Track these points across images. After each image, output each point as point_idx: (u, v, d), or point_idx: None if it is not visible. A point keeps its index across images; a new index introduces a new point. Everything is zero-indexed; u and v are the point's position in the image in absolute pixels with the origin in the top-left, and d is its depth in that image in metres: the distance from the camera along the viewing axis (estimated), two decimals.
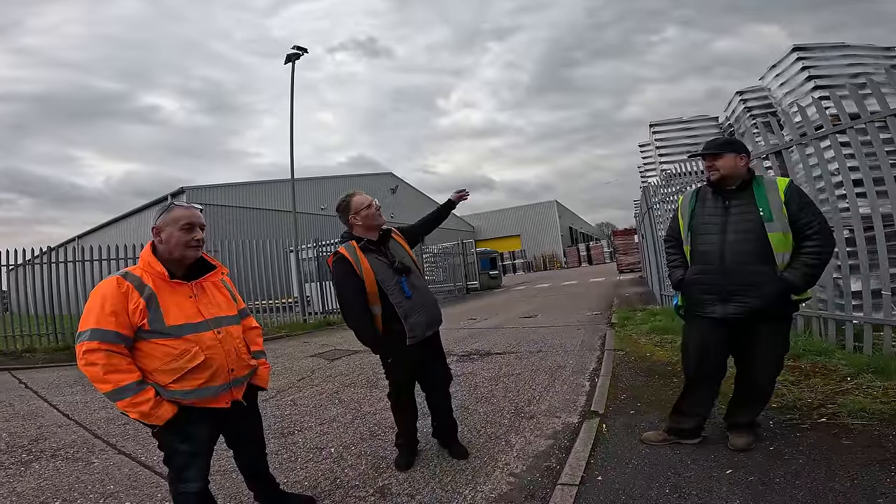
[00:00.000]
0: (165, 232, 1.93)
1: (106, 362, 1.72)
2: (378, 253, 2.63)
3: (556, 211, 45.65)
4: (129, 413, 1.77)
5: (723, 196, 2.47)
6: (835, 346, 3.96)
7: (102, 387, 1.73)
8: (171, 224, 1.93)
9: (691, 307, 2.59)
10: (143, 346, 1.84)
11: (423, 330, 2.62)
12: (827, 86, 5.15)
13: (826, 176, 4.10)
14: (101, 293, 1.80)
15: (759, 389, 2.52)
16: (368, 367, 5.71)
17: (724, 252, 2.39)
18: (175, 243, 1.93)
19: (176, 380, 1.84)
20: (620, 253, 23.53)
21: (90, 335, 1.73)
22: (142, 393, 1.77)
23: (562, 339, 6.60)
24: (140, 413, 1.76)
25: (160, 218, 1.96)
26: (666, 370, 4.17)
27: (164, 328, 1.85)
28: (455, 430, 2.96)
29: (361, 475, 2.70)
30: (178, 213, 1.96)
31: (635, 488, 2.26)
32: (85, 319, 1.77)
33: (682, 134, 9.31)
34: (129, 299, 1.81)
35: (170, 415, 1.81)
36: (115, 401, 1.76)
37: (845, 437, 2.50)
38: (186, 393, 1.86)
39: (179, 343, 1.86)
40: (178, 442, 1.89)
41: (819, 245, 2.27)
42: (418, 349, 2.64)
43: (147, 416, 1.77)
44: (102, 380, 1.72)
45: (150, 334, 1.83)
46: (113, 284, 1.83)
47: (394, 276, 2.59)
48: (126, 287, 1.82)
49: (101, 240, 17.39)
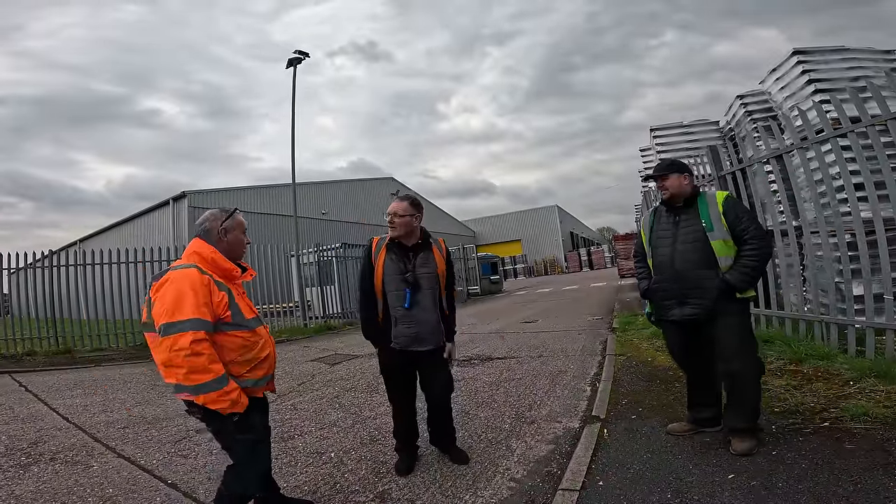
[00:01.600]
0: (233, 234, 2.11)
1: (211, 352, 1.78)
2: (401, 256, 2.71)
3: (556, 216, 45.63)
4: (219, 404, 1.79)
5: (673, 212, 2.81)
6: (837, 351, 3.94)
7: (204, 377, 1.75)
8: (238, 228, 2.14)
9: (658, 313, 2.88)
10: (220, 339, 1.90)
11: (406, 342, 2.68)
12: (827, 89, 5.15)
13: (827, 180, 4.10)
14: (188, 283, 1.83)
15: (738, 383, 2.56)
16: (369, 372, 5.69)
17: (675, 261, 2.71)
18: (238, 244, 2.13)
19: (250, 370, 1.97)
20: (621, 258, 23.45)
21: (193, 325, 1.75)
22: (231, 382, 1.84)
23: (563, 343, 6.59)
24: (230, 401, 1.81)
25: (227, 221, 2.10)
26: (667, 375, 4.15)
27: (244, 321, 1.99)
28: (452, 438, 2.94)
29: (361, 480, 2.69)
30: (241, 218, 2.18)
31: (637, 493, 2.25)
32: (176, 309, 1.77)
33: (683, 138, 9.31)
34: (213, 291, 1.89)
35: (248, 403, 1.90)
36: (211, 391, 1.77)
37: (848, 442, 2.48)
38: (257, 381, 2.01)
39: (251, 335, 2.00)
40: (249, 431, 1.96)
41: (754, 248, 2.55)
42: (407, 357, 2.71)
43: (235, 403, 1.83)
44: (206, 370, 1.75)
45: (231, 326, 1.93)
46: (197, 276, 1.87)
47: (401, 283, 2.67)
48: (207, 280, 1.90)
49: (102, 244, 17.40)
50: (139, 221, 23.93)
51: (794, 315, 4.65)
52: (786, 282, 4.81)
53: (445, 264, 2.82)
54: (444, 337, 2.78)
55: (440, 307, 2.78)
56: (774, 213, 4.95)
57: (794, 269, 4.75)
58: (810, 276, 4.54)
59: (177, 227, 20.74)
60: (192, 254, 2.02)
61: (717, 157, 5.53)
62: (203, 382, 1.75)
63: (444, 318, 2.82)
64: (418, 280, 2.68)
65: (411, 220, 2.68)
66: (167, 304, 1.79)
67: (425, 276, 2.70)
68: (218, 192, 22.92)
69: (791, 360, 3.98)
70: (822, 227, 4.21)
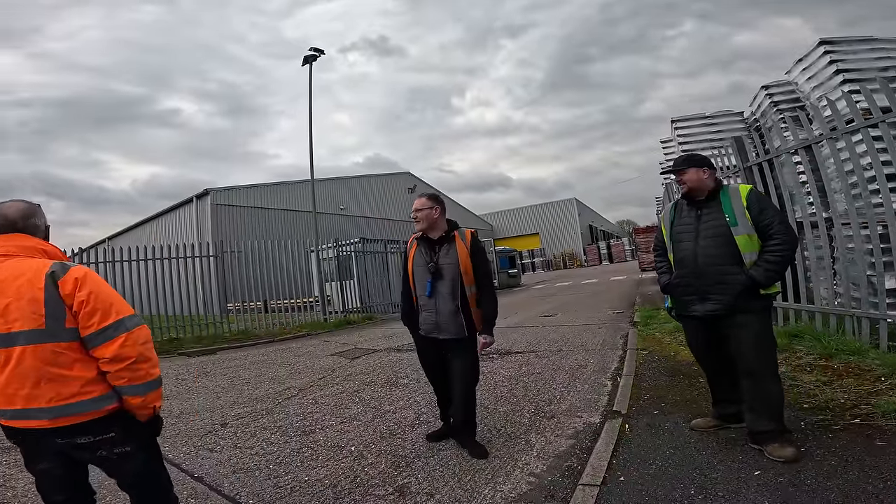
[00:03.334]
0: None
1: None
2: (427, 249, 2.92)
3: (575, 209, 45.18)
4: (159, 401, 1.69)
5: (695, 206, 2.75)
6: (868, 346, 3.82)
7: (156, 371, 1.64)
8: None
9: (678, 308, 2.85)
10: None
11: (429, 328, 2.92)
12: (856, 79, 4.98)
13: (858, 170, 3.96)
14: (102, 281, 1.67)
15: (756, 383, 2.48)
16: (388, 366, 5.74)
17: (697, 256, 2.66)
18: None
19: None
20: (642, 251, 23.12)
21: (140, 320, 1.65)
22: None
23: (583, 338, 6.53)
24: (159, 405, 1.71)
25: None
26: (691, 370, 4.08)
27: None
28: (470, 430, 2.95)
29: (381, 474, 2.71)
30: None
31: (659, 489, 2.22)
32: (119, 305, 1.60)
33: (706, 129, 9.08)
34: None
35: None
36: (156, 389, 1.65)
37: (879, 438, 2.41)
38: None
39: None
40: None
41: (779, 243, 2.49)
42: (431, 342, 2.94)
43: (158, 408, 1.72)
44: (157, 363, 1.65)
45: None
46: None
47: (425, 273, 2.89)
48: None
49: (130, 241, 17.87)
50: (164, 219, 24.57)
51: (824, 309, 4.52)
52: (815, 275, 4.68)
53: (470, 255, 2.86)
54: (465, 327, 2.82)
55: (463, 297, 2.83)
56: (803, 204, 4.81)
57: (824, 262, 4.62)
58: (841, 269, 4.40)
59: (200, 224, 21.20)
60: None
61: (742, 148, 5.39)
62: (156, 377, 1.64)
63: (467, 308, 2.84)
64: (440, 270, 2.85)
65: (431, 213, 2.88)
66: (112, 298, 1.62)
67: (447, 266, 2.84)
68: (239, 190, 23.38)
69: (821, 355, 3.88)
70: (853, 218, 4.08)
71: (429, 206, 2.89)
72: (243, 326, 10.55)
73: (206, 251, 10.87)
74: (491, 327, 2.89)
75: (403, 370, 5.41)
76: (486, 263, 2.95)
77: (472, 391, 2.94)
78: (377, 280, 13.73)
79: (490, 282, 2.93)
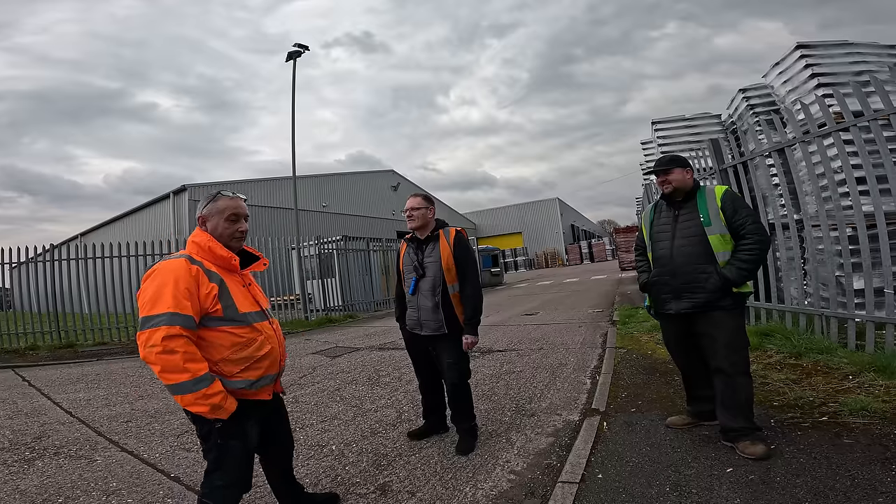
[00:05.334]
0: (211, 222, 1.89)
1: (186, 350, 1.60)
2: (416, 248, 3.02)
3: (557, 208, 45.55)
4: (197, 407, 1.63)
5: (673, 207, 2.82)
6: (837, 345, 3.94)
7: (179, 377, 1.58)
8: (217, 214, 1.90)
9: (656, 306, 2.91)
10: (209, 335, 1.74)
11: (412, 324, 3.00)
12: (830, 83, 5.13)
13: (829, 173, 4.08)
14: (171, 274, 1.67)
15: (728, 381, 2.54)
16: (370, 365, 5.72)
17: (674, 255, 2.73)
18: (220, 233, 1.89)
19: (243, 369, 1.78)
20: (622, 250, 23.46)
21: (169, 319, 1.59)
22: (214, 384, 1.65)
23: (563, 336, 6.60)
24: (211, 406, 1.63)
25: (206, 207, 1.90)
26: (667, 368, 4.16)
27: (237, 315, 1.79)
28: (461, 423, 2.99)
29: (362, 472, 2.71)
30: (224, 203, 1.91)
31: (636, 486, 2.26)
32: (155, 301, 1.62)
33: (685, 131, 9.28)
34: (201, 283, 1.72)
35: (234, 408, 1.70)
36: (187, 392, 1.60)
37: (846, 436, 2.49)
38: (252, 383, 1.81)
39: (247, 331, 1.81)
40: (235, 438, 1.77)
41: (752, 243, 2.55)
42: (419, 338, 2.99)
43: (217, 409, 1.65)
44: (181, 369, 1.58)
45: (222, 321, 1.76)
46: (183, 265, 1.71)
47: (411, 271, 2.98)
48: (196, 270, 1.73)
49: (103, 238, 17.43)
50: (140, 215, 23.98)
51: (794, 308, 4.66)
52: (786, 275, 4.81)
53: (453, 253, 2.88)
54: (444, 324, 2.85)
55: (444, 295, 2.87)
56: (776, 206, 4.94)
57: (794, 263, 4.75)
58: (811, 269, 4.54)
59: (177, 221, 20.78)
60: (189, 243, 1.87)
61: (718, 150, 5.51)
62: (178, 382, 1.59)
63: (448, 305, 2.87)
64: (423, 268, 2.93)
65: (426, 213, 2.98)
66: (147, 297, 1.65)
67: (430, 264, 2.91)
68: (219, 186, 22.92)
69: (791, 353, 3.99)
70: (823, 220, 4.20)
71: (424, 206, 2.97)
72: None
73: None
74: (473, 327, 2.89)
75: (385, 369, 5.40)
76: (469, 262, 2.94)
77: (459, 387, 2.96)
78: (359, 278, 13.65)
79: (474, 281, 2.92)
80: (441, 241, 2.93)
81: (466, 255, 2.94)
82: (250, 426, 1.84)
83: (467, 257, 2.93)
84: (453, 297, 2.88)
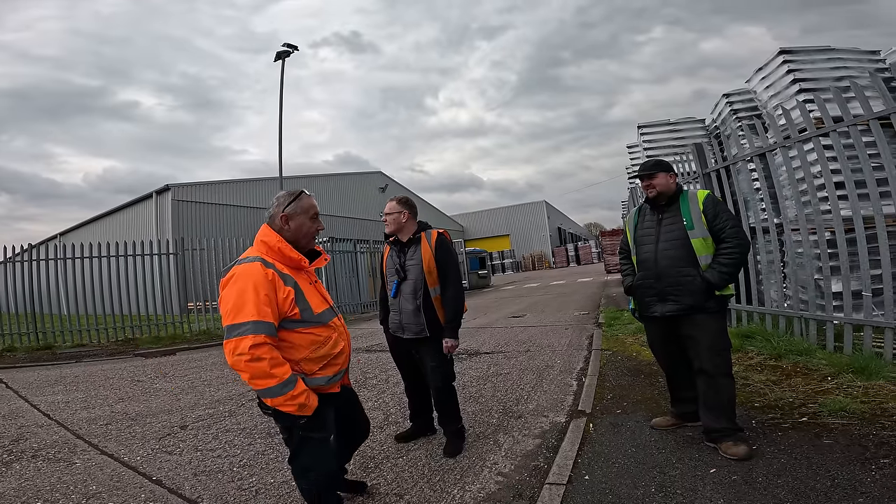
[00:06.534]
0: (296, 220, 1.95)
1: (272, 356, 1.66)
2: (398, 251, 2.98)
3: (544, 211, 45.81)
4: (286, 407, 1.70)
5: (657, 210, 2.86)
6: (816, 347, 4.03)
7: (267, 382, 1.65)
8: (303, 213, 1.97)
9: (640, 309, 2.94)
10: (290, 336, 1.80)
11: (394, 327, 3.00)
12: (812, 89, 5.22)
13: (808, 178, 4.17)
14: (250, 281, 1.71)
15: (711, 382, 2.58)
16: (357, 367, 5.68)
17: (658, 258, 2.77)
18: (305, 232, 1.97)
19: (322, 367, 1.87)
20: (608, 253, 23.69)
21: (255, 328, 1.64)
22: (298, 384, 1.73)
23: (550, 338, 6.64)
24: (297, 405, 1.71)
25: (289, 206, 1.95)
26: (652, 369, 4.21)
27: (314, 316, 1.86)
28: (447, 426, 2.99)
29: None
30: (308, 202, 1.99)
31: (622, 487, 2.28)
32: (238, 310, 1.67)
33: (670, 136, 9.40)
34: (278, 288, 1.76)
35: (316, 404, 1.78)
36: (276, 395, 1.68)
37: (826, 437, 2.54)
38: (330, 379, 1.90)
39: (323, 330, 1.89)
40: (317, 430, 1.85)
41: (732, 247, 2.60)
42: (402, 342, 2.99)
43: (304, 407, 1.72)
44: (269, 375, 1.65)
45: (300, 323, 1.82)
46: (259, 270, 1.74)
47: (393, 275, 2.96)
48: (272, 275, 1.76)
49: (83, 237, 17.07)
50: (121, 215, 23.50)
51: (774, 311, 4.74)
52: (767, 278, 4.90)
53: (435, 256, 2.84)
54: (426, 327, 2.82)
55: (426, 297, 2.84)
56: (757, 210, 5.03)
57: (774, 266, 4.84)
58: (790, 272, 4.62)
59: (160, 221, 20.41)
60: (258, 243, 1.89)
61: (702, 154, 5.59)
62: (267, 387, 1.66)
63: (430, 308, 2.84)
64: (405, 271, 2.90)
65: (399, 217, 2.91)
66: (229, 305, 1.70)
67: (411, 267, 2.88)
68: (203, 186, 22.56)
69: (771, 355, 4.06)
70: (802, 224, 4.29)
71: (397, 210, 2.92)
72: (205, 327, 10.24)
73: (165, 248, 10.48)
74: (454, 330, 2.82)
75: (372, 371, 5.38)
76: (451, 265, 2.88)
77: (443, 390, 2.95)
78: (346, 280, 13.57)
79: (455, 284, 2.86)
80: (423, 243, 2.89)
81: (447, 257, 2.89)
82: (329, 417, 1.91)
83: (448, 260, 2.88)
84: (435, 300, 2.84)
